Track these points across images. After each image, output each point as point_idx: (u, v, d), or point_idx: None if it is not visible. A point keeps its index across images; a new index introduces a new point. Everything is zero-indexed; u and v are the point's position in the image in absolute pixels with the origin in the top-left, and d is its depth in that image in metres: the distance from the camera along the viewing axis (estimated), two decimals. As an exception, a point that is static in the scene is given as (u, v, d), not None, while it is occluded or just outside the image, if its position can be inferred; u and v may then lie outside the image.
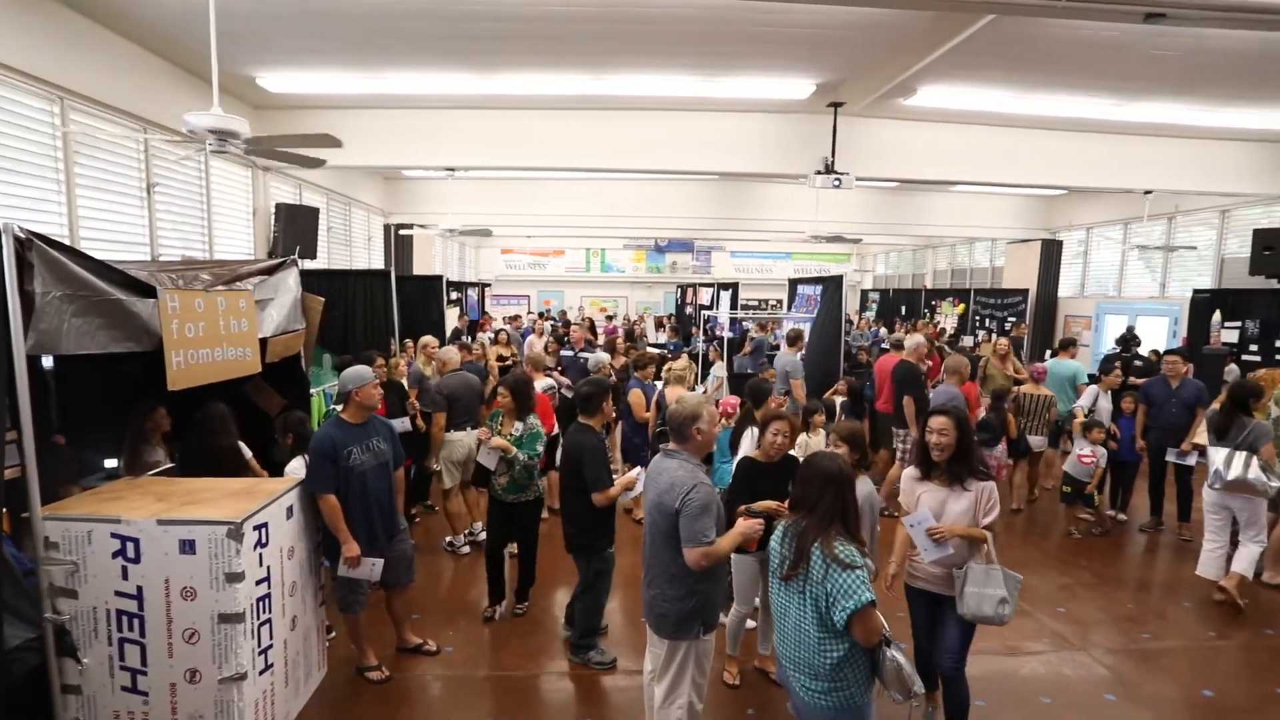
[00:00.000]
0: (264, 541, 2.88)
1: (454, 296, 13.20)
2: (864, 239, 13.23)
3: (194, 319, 3.20)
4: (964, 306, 15.12)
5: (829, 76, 6.69)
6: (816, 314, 9.01)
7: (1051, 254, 13.43)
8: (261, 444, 4.15)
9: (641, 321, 16.90)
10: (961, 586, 2.89)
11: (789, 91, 7.07)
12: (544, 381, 6.24)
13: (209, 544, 2.67)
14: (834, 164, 7.59)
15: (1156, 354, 8.28)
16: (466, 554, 5.32)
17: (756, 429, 3.74)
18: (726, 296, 10.67)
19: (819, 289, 9.53)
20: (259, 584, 2.86)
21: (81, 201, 5.41)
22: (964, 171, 8.67)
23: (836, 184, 7.38)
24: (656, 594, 2.76)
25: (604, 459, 3.65)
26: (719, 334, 9.88)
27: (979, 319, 14.66)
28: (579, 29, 5.57)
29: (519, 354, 9.24)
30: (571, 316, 15.53)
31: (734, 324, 10.40)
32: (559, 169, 9.38)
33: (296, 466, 3.69)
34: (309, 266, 8.49)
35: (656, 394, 5.71)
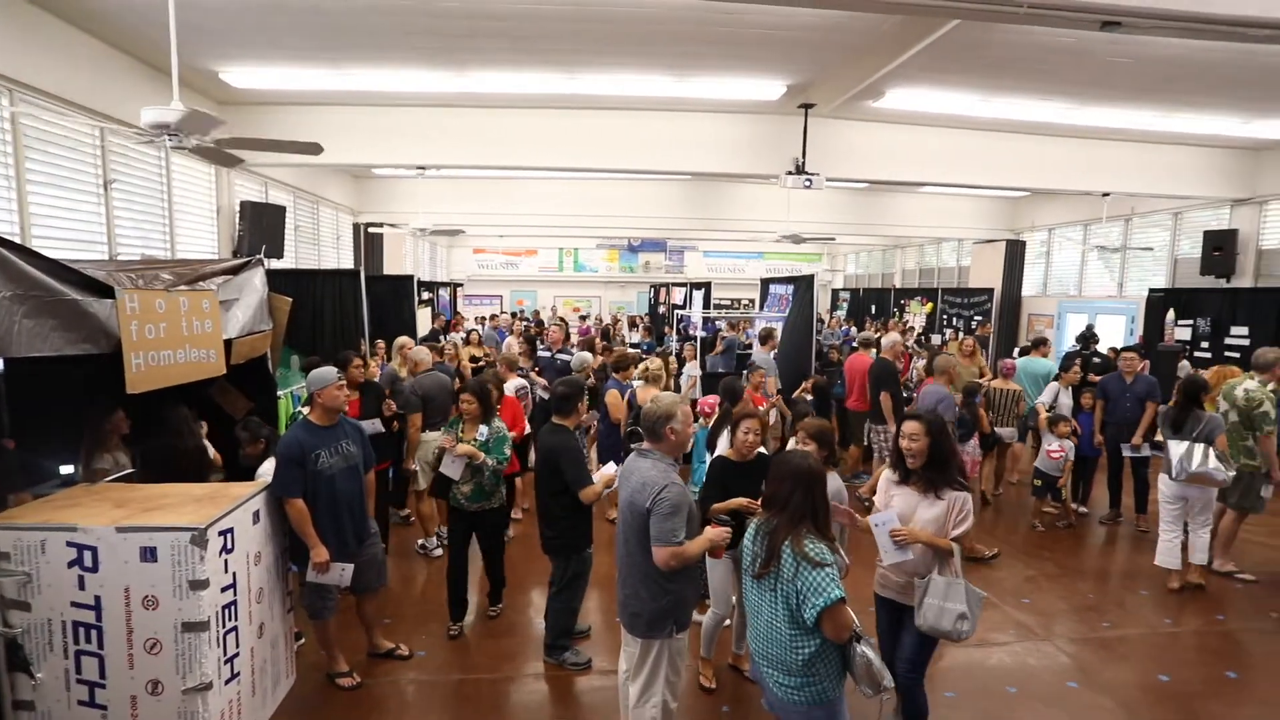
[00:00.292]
0: (229, 547, 2.82)
1: (426, 297, 13.05)
2: (835, 239, 13.40)
3: (154, 320, 3.12)
4: (932, 305, 15.42)
5: (799, 78, 6.77)
6: (788, 313, 9.10)
7: (1015, 254, 13.77)
8: (230, 447, 4.05)
9: (618, 322, 16.89)
10: (921, 597, 2.83)
11: (760, 92, 7.13)
12: (515, 382, 6.20)
13: (171, 551, 2.60)
14: (805, 165, 7.68)
15: (1114, 351, 8.53)
16: (439, 556, 5.26)
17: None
18: (699, 296, 10.71)
19: (791, 288, 9.63)
20: (224, 591, 2.79)
21: (34, 198, 5.22)
22: (931, 173, 8.84)
23: (807, 184, 7.47)
24: (630, 593, 2.77)
25: (582, 459, 3.66)
26: (692, 333, 9.91)
27: (946, 318, 14.96)
28: (551, 27, 5.55)
29: (495, 354, 9.16)
30: (544, 316, 15.45)
31: (707, 323, 10.45)
32: (532, 168, 9.33)
33: (268, 469, 3.61)
34: (276, 266, 8.34)
35: (629, 393, 5.71)
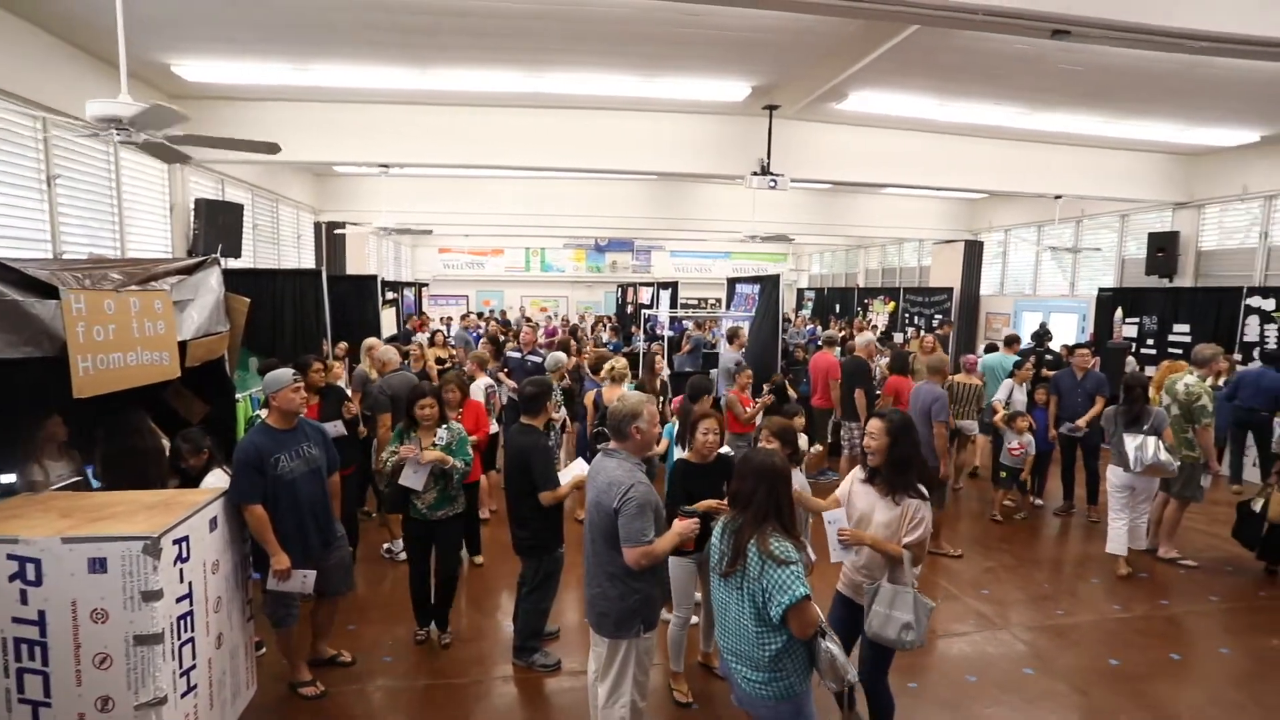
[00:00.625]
0: (185, 556, 2.73)
1: (390, 297, 12.82)
2: (799, 239, 13.60)
3: (103, 321, 3.00)
4: (894, 305, 15.75)
5: (764, 79, 6.85)
6: (755, 312, 9.20)
7: (974, 254, 14.14)
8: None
9: (584, 321, 16.83)
10: (869, 602, 2.80)
11: (725, 93, 7.19)
12: (483, 380, 6.15)
13: (122, 561, 2.50)
14: (770, 165, 7.77)
15: (1067, 349, 8.84)
16: (405, 560, 5.17)
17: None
18: (666, 296, 10.76)
19: (757, 288, 9.74)
20: (180, 601, 2.70)
21: (-30, 195, 4.99)
22: (892, 174, 9.03)
23: (772, 185, 7.55)
24: (597, 593, 2.76)
25: (550, 459, 3.64)
26: (659, 333, 9.95)
27: (908, 316, 15.29)
28: (516, 25, 5.51)
29: (463, 355, 9.04)
30: (512, 317, 15.31)
31: (674, 323, 10.51)
32: (497, 167, 9.25)
33: (214, 480, 3.49)
34: (233, 265, 8.11)
35: (594, 393, 5.70)
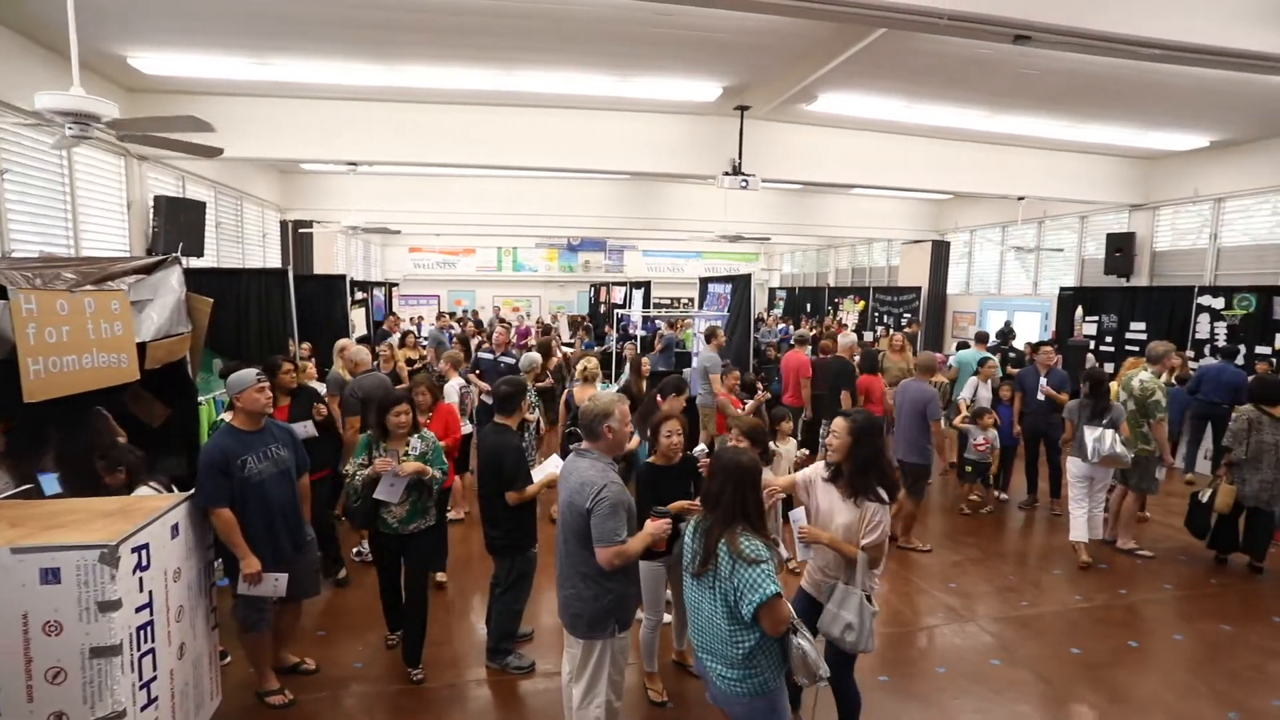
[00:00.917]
0: (145, 564, 2.65)
1: (360, 297, 12.60)
2: (771, 238, 13.71)
3: (56, 323, 2.89)
4: (864, 304, 16.00)
5: (735, 80, 6.89)
6: (728, 311, 9.26)
7: (940, 254, 14.43)
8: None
9: (556, 321, 16.75)
10: (825, 600, 2.85)
11: (697, 93, 7.22)
12: (456, 381, 6.09)
13: (77, 571, 2.41)
14: (741, 165, 7.82)
15: (1030, 346, 9.09)
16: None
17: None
18: (639, 295, 10.77)
19: (729, 287, 9.80)
20: (140, 611, 2.62)
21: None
22: (861, 175, 9.17)
23: (743, 185, 7.61)
24: (571, 594, 2.75)
25: (523, 459, 3.62)
26: (632, 332, 9.95)
27: (878, 315, 15.55)
28: (487, 22, 5.46)
29: (436, 355, 8.93)
30: (484, 317, 15.16)
31: (647, 322, 10.52)
32: (468, 165, 9.15)
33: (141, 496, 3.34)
34: (195, 265, 7.90)
35: (565, 393, 5.68)
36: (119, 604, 2.47)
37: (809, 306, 17.58)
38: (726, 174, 7.68)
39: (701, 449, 3.66)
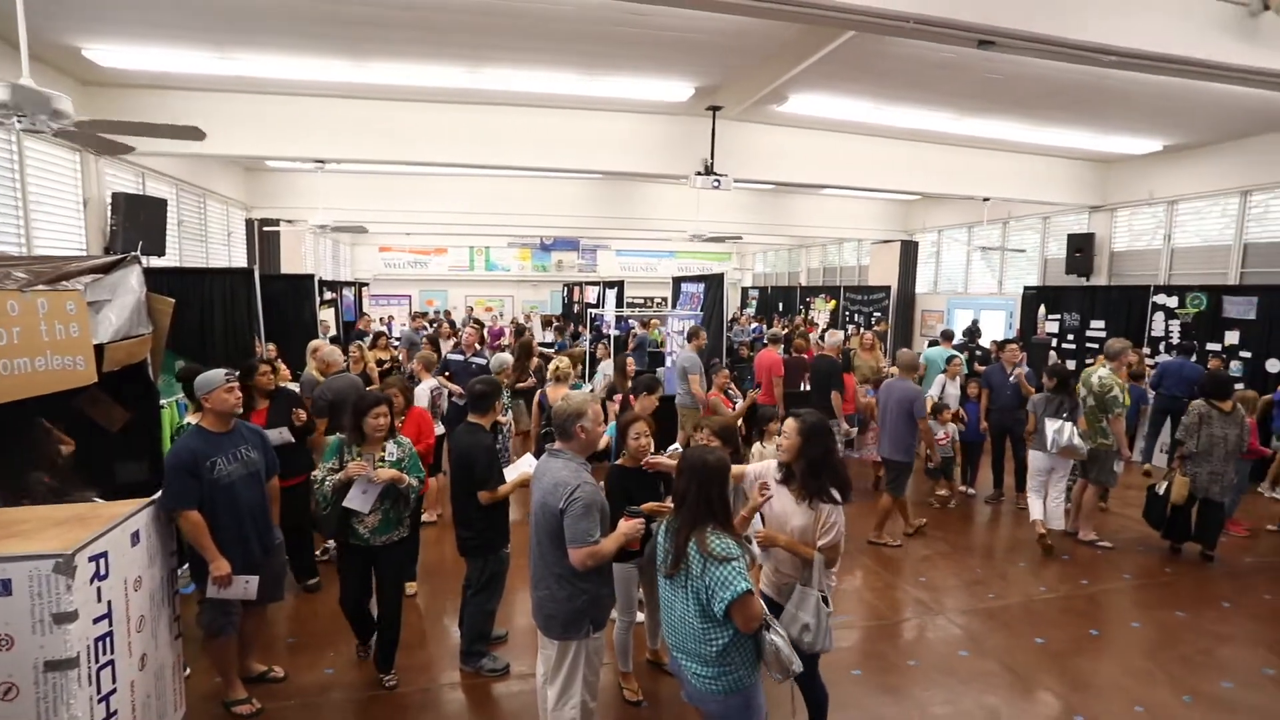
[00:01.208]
0: (104, 573, 2.56)
1: (329, 296, 12.37)
2: (743, 238, 13.80)
3: (5, 324, 2.79)
4: (835, 303, 16.20)
5: (707, 80, 6.93)
6: (701, 310, 9.30)
7: (909, 254, 14.69)
8: (106, 461, 3.70)
9: (530, 321, 16.65)
10: (787, 601, 2.85)
11: (669, 93, 7.24)
12: (430, 382, 6.02)
13: (30, 582, 2.33)
14: (713, 165, 7.87)
15: (996, 344, 9.31)
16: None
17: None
18: (612, 295, 10.75)
19: (702, 287, 9.85)
20: (98, 622, 2.53)
21: None
22: (830, 175, 9.30)
23: (716, 185, 7.65)
24: (545, 595, 2.74)
25: (495, 459, 3.60)
26: (606, 332, 9.94)
27: (849, 314, 15.76)
28: (458, 19, 5.41)
29: (409, 356, 8.80)
30: (456, 317, 14.99)
31: (620, 321, 10.51)
32: (439, 164, 9.04)
33: None
34: (156, 264, 7.67)
35: (538, 394, 5.65)
36: (75, 615, 2.39)
37: (781, 306, 17.73)
38: (699, 174, 7.71)
39: (675, 448, 3.67)
